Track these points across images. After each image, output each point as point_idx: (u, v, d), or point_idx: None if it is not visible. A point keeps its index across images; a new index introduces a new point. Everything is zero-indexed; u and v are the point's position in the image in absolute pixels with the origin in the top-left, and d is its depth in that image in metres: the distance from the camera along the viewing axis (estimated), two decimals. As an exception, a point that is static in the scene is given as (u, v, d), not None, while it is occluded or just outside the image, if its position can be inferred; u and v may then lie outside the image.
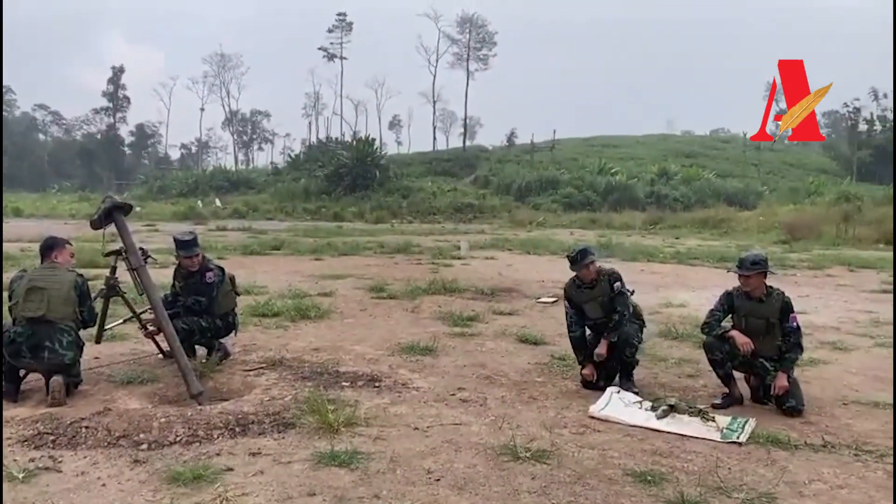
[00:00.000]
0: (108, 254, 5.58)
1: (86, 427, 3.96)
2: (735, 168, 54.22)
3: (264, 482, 3.37)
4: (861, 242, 21.43)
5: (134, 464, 3.57)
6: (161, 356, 5.71)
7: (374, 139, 53.94)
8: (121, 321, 5.92)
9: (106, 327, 5.65)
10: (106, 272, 5.64)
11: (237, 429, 4.08)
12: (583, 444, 4.05)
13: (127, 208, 5.38)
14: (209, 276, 5.73)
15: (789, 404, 4.73)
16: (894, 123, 52.64)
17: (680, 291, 10.71)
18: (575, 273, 5.56)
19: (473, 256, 16.20)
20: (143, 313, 5.55)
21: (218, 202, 41.16)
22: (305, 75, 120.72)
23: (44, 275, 4.83)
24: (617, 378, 5.33)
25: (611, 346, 5.28)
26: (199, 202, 40.49)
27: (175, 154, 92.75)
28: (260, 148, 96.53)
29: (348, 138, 58.29)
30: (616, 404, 4.72)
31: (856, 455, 4.00)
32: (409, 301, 9.20)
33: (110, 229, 5.23)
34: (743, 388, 5.08)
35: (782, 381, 4.77)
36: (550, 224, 33.22)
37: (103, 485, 3.31)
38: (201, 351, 5.76)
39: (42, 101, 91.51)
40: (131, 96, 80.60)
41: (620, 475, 3.59)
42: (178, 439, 3.88)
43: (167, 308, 5.31)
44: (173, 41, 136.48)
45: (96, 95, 79.63)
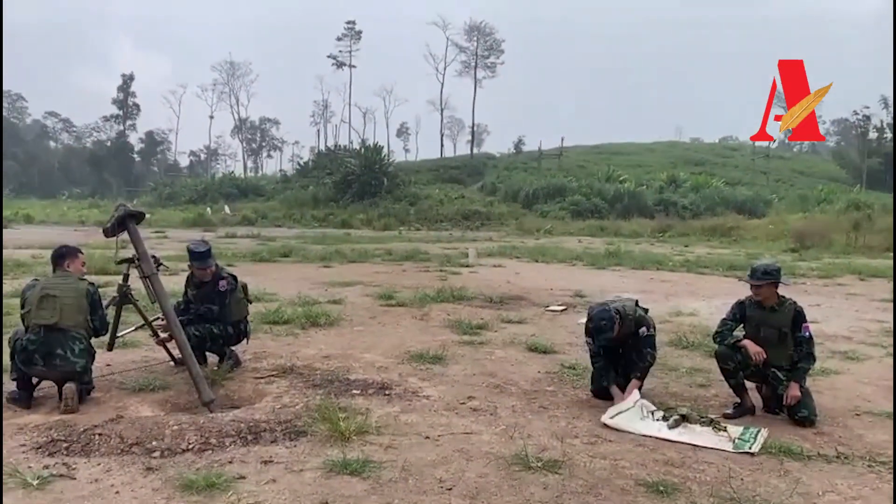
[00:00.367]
0: (121, 261, 5.61)
1: (99, 434, 3.98)
2: (744, 176, 54.12)
3: (277, 490, 3.37)
4: (871, 251, 21.32)
5: (147, 471, 3.58)
6: (172, 364, 5.73)
7: (382, 147, 54.13)
8: (133, 328, 5.94)
9: (118, 335, 5.68)
10: (117, 279, 5.67)
11: (249, 437, 4.09)
12: (594, 454, 4.03)
13: (139, 216, 5.42)
14: (222, 285, 5.76)
15: (802, 414, 4.71)
16: (894, 130, 52.39)
17: (690, 300, 10.68)
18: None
19: (481, 264, 16.21)
20: (155, 321, 5.58)
21: (227, 209, 41.36)
22: (314, 83, 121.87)
23: (56, 283, 4.86)
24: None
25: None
26: (209, 209, 40.71)
27: (184, 161, 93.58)
28: (269, 155, 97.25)
29: (356, 146, 58.55)
30: (629, 414, 4.70)
31: (869, 466, 3.97)
32: (418, 309, 9.20)
33: (122, 237, 5.27)
34: (755, 398, 5.06)
35: (794, 391, 4.74)
36: (558, 232, 33.22)
37: (117, 492, 3.32)
38: (213, 358, 5.78)
39: (53, 109, 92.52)
40: (141, 104, 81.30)
41: (633, 485, 3.58)
42: (191, 447, 3.89)
43: (179, 315, 5.34)
44: (183, 49, 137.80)
45: (106, 103, 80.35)
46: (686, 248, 23.02)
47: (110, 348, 5.56)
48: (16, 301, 7.87)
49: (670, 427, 4.52)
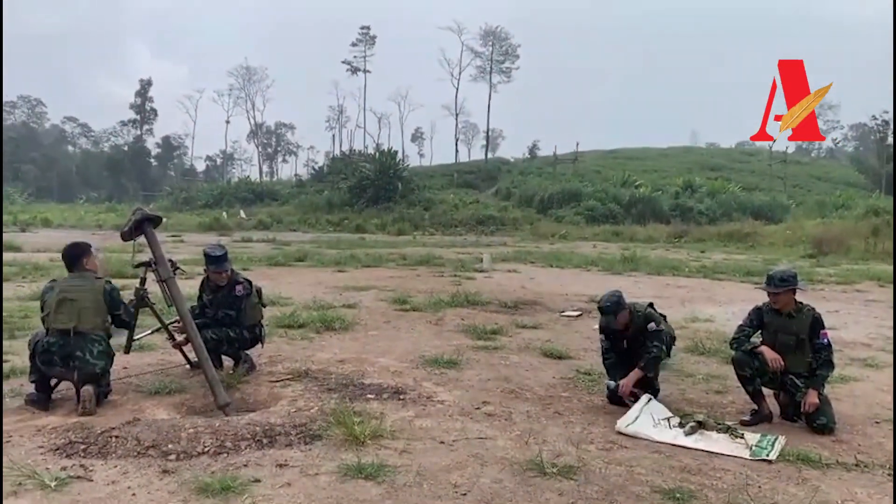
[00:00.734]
0: (138, 265, 5.65)
1: (116, 437, 4.01)
2: (761, 181, 53.70)
3: (292, 494, 3.38)
4: (890, 256, 21.03)
5: (163, 474, 3.60)
6: (188, 367, 5.76)
7: (397, 152, 54.32)
8: (149, 332, 5.98)
9: (134, 338, 5.72)
10: (133, 282, 5.71)
11: (264, 440, 4.10)
12: (610, 461, 4.01)
13: (157, 220, 5.46)
14: (238, 290, 5.80)
15: (820, 422, 4.66)
16: (894, 132, 51.65)
17: (706, 306, 10.61)
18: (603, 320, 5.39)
19: (496, 269, 16.18)
20: (172, 324, 5.61)
21: (242, 214, 41.62)
22: (329, 88, 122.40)
23: (73, 285, 4.89)
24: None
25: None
26: (224, 213, 40.99)
27: (200, 166, 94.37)
28: (284, 160, 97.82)
29: (371, 151, 58.72)
30: (644, 420, 4.68)
31: (889, 475, 3.92)
32: (433, 313, 9.21)
33: (139, 240, 5.31)
34: (772, 405, 5.01)
35: (813, 399, 4.69)
36: (573, 237, 33.13)
37: (133, 494, 3.34)
38: (228, 362, 5.81)
39: (72, 114, 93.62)
40: (158, 109, 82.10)
41: (648, 492, 3.55)
42: (206, 450, 3.91)
43: (195, 319, 5.37)
44: (199, 55, 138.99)
45: (124, 108, 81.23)
46: (702, 254, 22.87)
47: (127, 351, 5.60)
48: (34, 304, 7.98)
49: (687, 434, 4.50)
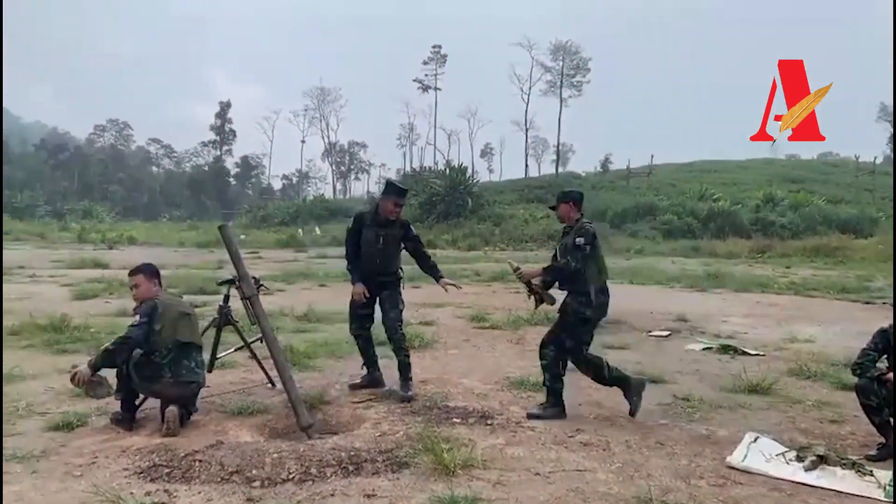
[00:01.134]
0: (222, 282, 5.62)
1: (199, 461, 3.89)
2: (847, 193, 51.08)
3: (382, 529, 3.16)
4: None
5: (247, 502, 3.45)
6: (270, 386, 5.66)
7: (467, 167, 54.23)
8: (232, 350, 5.93)
9: (218, 356, 5.67)
10: (215, 299, 5.68)
11: (350, 467, 3.91)
12: (724, 498, 3.64)
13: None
14: (412, 230, 6.02)
15: (962, 460, 4.15)
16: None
17: (805, 325, 9.93)
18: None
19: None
20: (255, 342, 5.53)
21: (318, 230, 42.31)
22: (400, 107, 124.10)
23: (179, 302, 5.02)
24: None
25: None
26: (300, 230, 41.75)
27: (277, 185, 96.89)
28: (357, 178, 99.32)
29: (441, 167, 58.84)
30: (756, 456, 4.27)
31: None
32: (513, 332, 8.92)
33: (223, 257, 5.26)
34: (902, 439, 4.51)
35: (953, 433, 4.19)
36: (649, 252, 32.16)
37: (218, 524, 3.19)
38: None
39: (156, 136, 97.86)
40: (237, 130, 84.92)
41: (775, 538, 3.17)
42: (291, 477, 3.74)
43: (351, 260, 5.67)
44: (276, 77, 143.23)
45: (205, 129, 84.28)
46: (788, 270, 21.76)
47: (210, 370, 5.55)
48: (120, 320, 8.12)
49: (807, 469, 4.07)
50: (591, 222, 5.37)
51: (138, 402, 4.81)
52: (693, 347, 8.10)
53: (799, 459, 4.19)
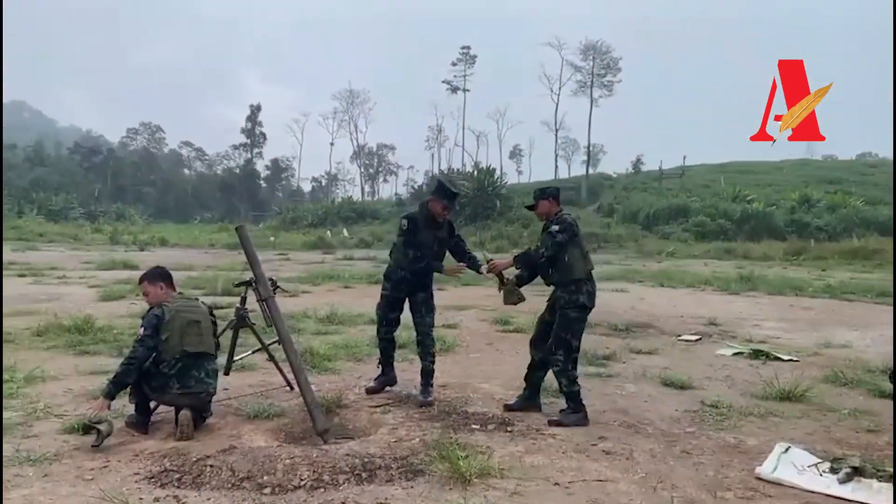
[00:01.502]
0: (239, 284, 5.58)
1: (210, 466, 3.82)
2: (886, 195, 49.65)
3: (392, 540, 3.05)
4: None
5: (257, 509, 3.36)
6: (288, 388, 5.60)
7: (495, 169, 54.13)
8: (250, 352, 5.88)
9: (235, 358, 5.62)
10: (235, 300, 5.63)
11: (363, 474, 3.80)
12: (753, 513, 3.46)
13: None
14: (456, 231, 5.83)
15: None
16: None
17: (840, 330, 9.62)
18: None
19: (601, 288, 15.47)
20: (272, 344, 5.47)
21: (345, 232, 42.50)
22: (429, 108, 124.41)
23: (191, 307, 4.80)
24: None
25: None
26: (328, 232, 42.01)
27: (307, 187, 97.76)
28: (385, 180, 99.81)
29: (469, 169, 58.78)
30: (787, 467, 4.08)
31: None
32: (537, 335, 8.74)
33: (241, 258, 5.20)
34: (945, 452, 4.28)
35: None
36: (682, 254, 31.70)
37: (225, 532, 3.11)
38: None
39: (188, 139, 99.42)
40: (267, 133, 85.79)
41: (807, 557, 2.99)
42: (303, 483, 3.65)
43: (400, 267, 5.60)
44: (306, 80, 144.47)
45: (236, 132, 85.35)
46: (824, 273, 21.23)
47: (227, 372, 5.51)
48: (134, 322, 8.13)
49: (841, 482, 3.86)
50: (570, 214, 5.24)
51: (153, 405, 4.76)
52: (723, 352, 7.87)
53: (833, 471, 3.98)
